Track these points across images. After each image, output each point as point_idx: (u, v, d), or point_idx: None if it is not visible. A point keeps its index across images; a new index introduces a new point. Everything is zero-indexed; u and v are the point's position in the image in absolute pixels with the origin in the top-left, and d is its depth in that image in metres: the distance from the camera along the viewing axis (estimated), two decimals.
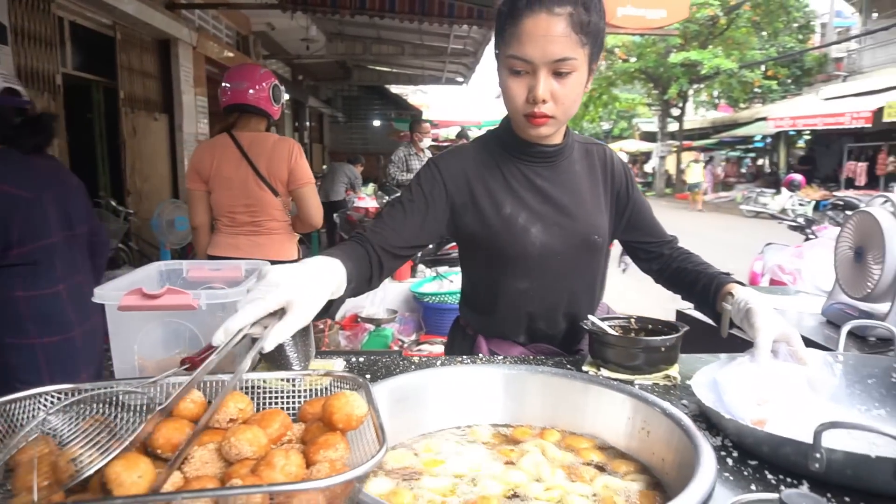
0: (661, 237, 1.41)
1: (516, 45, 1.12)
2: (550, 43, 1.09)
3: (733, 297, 1.16)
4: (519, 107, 1.17)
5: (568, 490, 0.89)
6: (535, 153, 1.28)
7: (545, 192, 1.28)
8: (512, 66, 1.14)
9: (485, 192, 1.27)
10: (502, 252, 1.26)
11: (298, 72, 12.19)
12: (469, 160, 1.30)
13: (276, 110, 2.59)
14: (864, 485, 0.76)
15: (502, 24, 1.16)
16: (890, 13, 17.20)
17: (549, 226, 1.27)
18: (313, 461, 0.64)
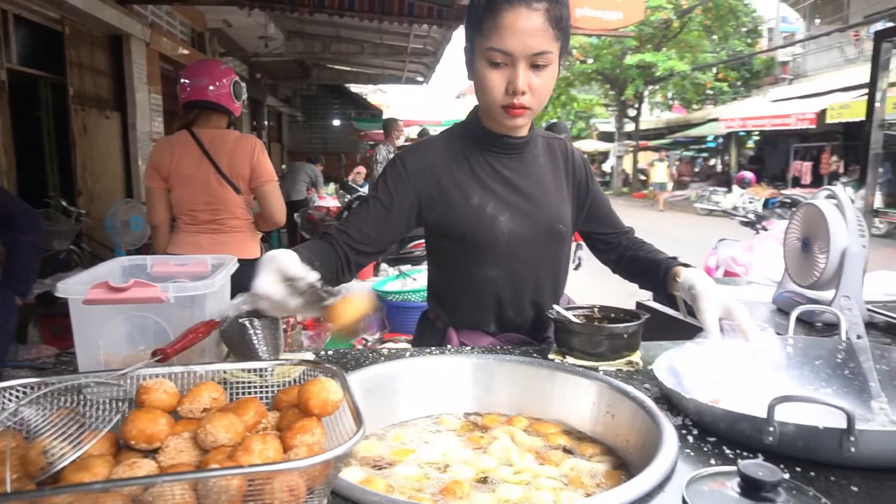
0: (619, 228, 1.47)
1: (496, 37, 1.14)
2: (529, 36, 1.13)
3: (678, 281, 1.23)
4: (497, 98, 1.19)
5: (537, 473, 0.92)
6: (502, 144, 1.31)
7: (512, 183, 1.31)
8: (491, 58, 1.16)
9: (453, 184, 1.29)
10: (472, 241, 1.29)
11: (256, 70, 11.99)
12: (436, 152, 1.32)
13: (238, 107, 2.55)
14: (813, 455, 0.81)
15: (479, 17, 1.17)
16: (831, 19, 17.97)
17: (517, 214, 1.30)
18: (290, 446, 0.65)
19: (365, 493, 0.69)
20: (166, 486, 0.53)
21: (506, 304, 1.35)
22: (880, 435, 0.80)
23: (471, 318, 1.37)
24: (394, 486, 0.87)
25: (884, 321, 1.52)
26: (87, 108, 5.68)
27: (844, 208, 1.47)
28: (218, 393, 0.74)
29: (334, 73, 13.72)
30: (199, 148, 2.44)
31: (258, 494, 0.56)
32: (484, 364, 1.16)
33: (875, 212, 1.84)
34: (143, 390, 0.72)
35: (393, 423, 1.09)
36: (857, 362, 1.08)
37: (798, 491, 0.74)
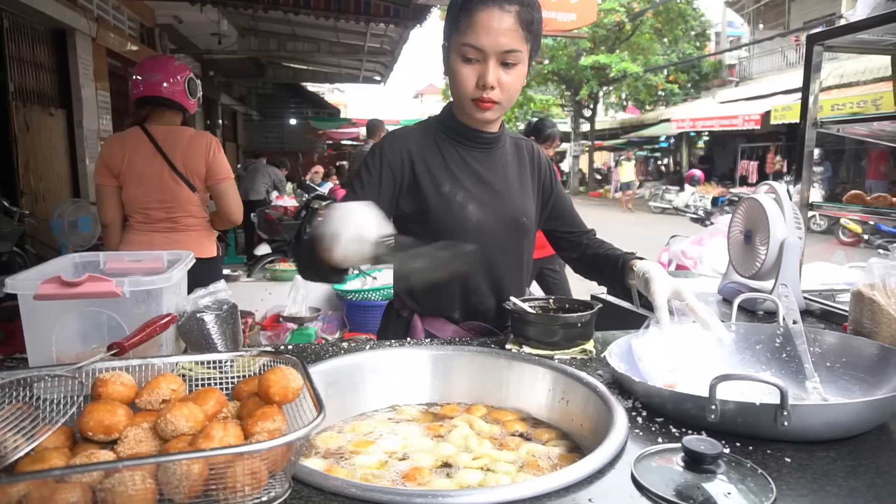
0: (581, 227, 1.54)
1: (470, 34, 1.22)
2: (501, 35, 1.21)
3: (633, 271, 1.31)
4: (468, 91, 1.26)
5: (495, 458, 0.95)
6: (474, 138, 1.38)
7: (480, 175, 1.37)
8: (464, 53, 1.24)
9: (425, 172, 1.35)
10: (441, 228, 1.33)
11: (209, 68, 11.73)
12: (411, 142, 1.37)
13: (193, 104, 2.50)
14: (751, 430, 0.86)
15: (456, 14, 1.25)
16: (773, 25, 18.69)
17: (484, 205, 1.36)
18: (251, 433, 0.66)
19: (326, 479, 0.71)
20: (126, 473, 0.53)
21: (471, 291, 1.39)
22: (811, 409, 0.85)
23: (437, 304, 1.40)
24: (356, 474, 0.89)
25: (819, 308, 1.61)
26: (30, 104, 5.46)
27: (783, 203, 1.55)
28: (177, 384, 0.74)
29: (290, 72, 13.53)
30: (152, 144, 2.39)
31: (220, 479, 0.57)
32: (443, 355, 1.18)
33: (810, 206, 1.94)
34: (100, 383, 0.72)
35: (354, 414, 1.10)
36: (793, 346, 1.15)
37: (737, 463, 0.79)
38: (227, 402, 0.75)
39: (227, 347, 1.09)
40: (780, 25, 18.04)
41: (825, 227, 10.60)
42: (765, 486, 0.74)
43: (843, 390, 1.07)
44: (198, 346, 1.08)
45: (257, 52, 10.51)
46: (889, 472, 0.79)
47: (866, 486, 0.76)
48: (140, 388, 0.74)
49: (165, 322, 0.91)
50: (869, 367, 1.06)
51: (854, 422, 0.87)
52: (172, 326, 1.06)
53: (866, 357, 1.08)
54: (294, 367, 0.78)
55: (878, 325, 1.18)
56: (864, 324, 1.21)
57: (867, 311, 1.20)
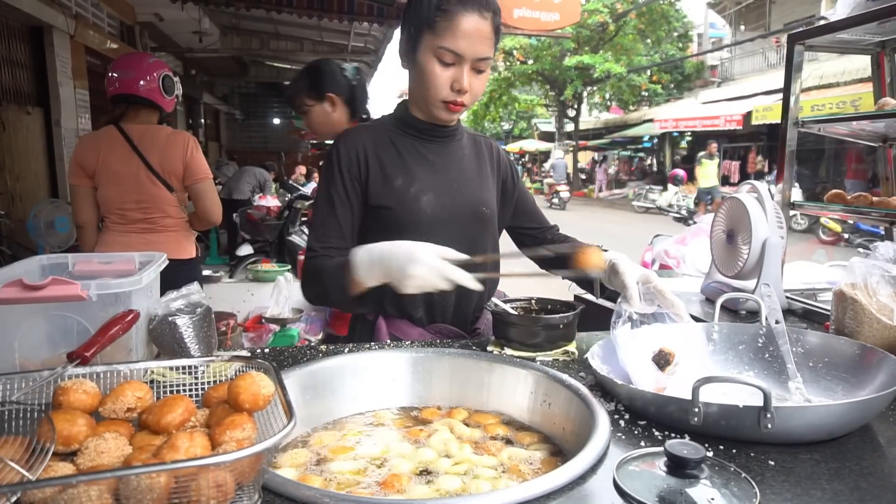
0: (544, 223, 1.56)
1: (450, 38, 1.21)
2: (479, 42, 1.22)
3: None
4: (441, 94, 1.26)
5: (475, 462, 0.93)
6: (428, 131, 1.38)
7: (436, 166, 1.37)
8: (441, 56, 1.23)
9: (378, 166, 1.34)
10: (396, 221, 1.32)
11: (191, 66, 11.60)
12: (364, 139, 1.36)
13: (169, 102, 2.46)
14: (735, 433, 0.85)
15: (430, 14, 1.22)
16: (755, 26, 18.89)
17: (440, 196, 1.35)
18: (219, 442, 0.63)
19: (298, 488, 0.68)
20: (81, 488, 0.50)
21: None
22: (794, 411, 0.84)
23: (399, 305, 1.38)
24: (332, 482, 0.86)
25: (801, 307, 1.61)
26: (6, 103, 5.35)
27: (764, 202, 1.55)
28: (143, 392, 0.71)
29: (273, 71, 13.40)
30: (127, 144, 2.34)
31: (183, 492, 0.54)
32: (423, 358, 1.16)
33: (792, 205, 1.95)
34: (61, 391, 0.69)
35: (332, 419, 1.08)
36: (776, 346, 1.14)
37: (720, 467, 0.78)
38: (197, 410, 0.72)
39: (201, 351, 1.06)
40: (762, 27, 18.24)
41: (806, 226, 10.73)
42: (748, 491, 0.73)
43: (826, 390, 1.06)
44: (170, 350, 1.05)
45: (240, 50, 10.40)
46: (872, 473, 0.79)
47: (850, 489, 0.75)
48: (104, 396, 0.71)
49: (128, 321, 0.87)
50: (851, 367, 1.06)
51: (837, 423, 0.86)
52: (143, 330, 1.03)
53: (848, 357, 1.07)
54: (266, 373, 0.75)
55: (859, 325, 1.17)
56: (846, 323, 1.20)
57: (849, 311, 1.20)
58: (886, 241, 1.24)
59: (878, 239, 1.66)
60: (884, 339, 1.15)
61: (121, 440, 0.65)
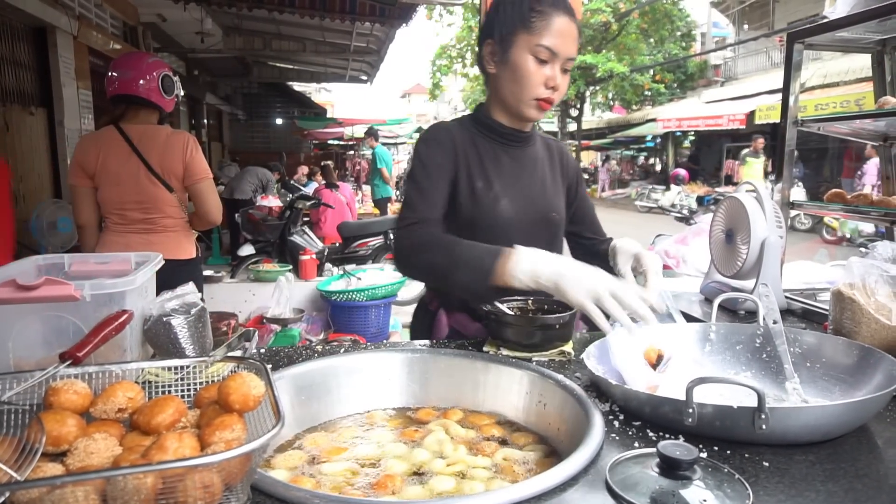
0: (599, 234, 1.58)
1: (547, 36, 1.28)
2: (570, 42, 1.30)
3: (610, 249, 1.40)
4: (535, 91, 1.31)
5: (470, 464, 0.92)
6: (508, 135, 1.41)
7: (513, 171, 1.41)
8: (537, 53, 1.29)
9: (465, 165, 1.37)
10: (474, 221, 1.36)
11: (194, 67, 11.61)
12: (454, 134, 1.40)
13: (169, 102, 2.46)
14: (729, 434, 0.84)
15: (525, 15, 1.29)
16: (758, 25, 18.83)
17: (516, 200, 1.39)
18: (209, 443, 0.63)
19: (288, 489, 0.68)
20: (68, 489, 0.50)
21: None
22: (789, 412, 0.84)
23: (464, 299, 1.41)
24: (323, 483, 0.86)
25: (801, 307, 1.61)
26: (9, 103, 5.36)
27: (763, 201, 1.54)
28: (134, 392, 0.71)
29: (276, 71, 13.43)
30: (127, 144, 2.34)
31: (170, 493, 0.54)
32: (419, 358, 1.15)
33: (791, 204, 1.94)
34: (52, 391, 0.69)
35: (326, 420, 1.08)
36: (773, 346, 1.13)
37: (713, 468, 0.77)
38: (188, 411, 0.72)
39: (196, 352, 1.06)
40: (765, 26, 18.18)
41: (809, 225, 10.69)
42: (742, 492, 0.72)
43: (823, 391, 1.06)
44: (165, 350, 1.05)
45: (242, 50, 10.42)
46: (868, 475, 0.78)
47: (844, 491, 0.74)
48: (95, 397, 0.71)
49: (122, 322, 0.87)
50: (849, 368, 1.05)
51: (833, 424, 0.85)
52: (138, 331, 1.03)
53: (846, 357, 1.06)
54: (258, 373, 0.75)
55: (857, 325, 1.17)
56: (845, 323, 1.20)
57: (847, 311, 1.19)
58: (885, 240, 1.23)
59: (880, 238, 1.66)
60: (882, 340, 1.14)
61: (111, 441, 0.65)
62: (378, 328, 4.31)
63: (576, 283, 1.09)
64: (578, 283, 1.08)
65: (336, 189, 7.17)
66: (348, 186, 8.84)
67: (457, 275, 1.22)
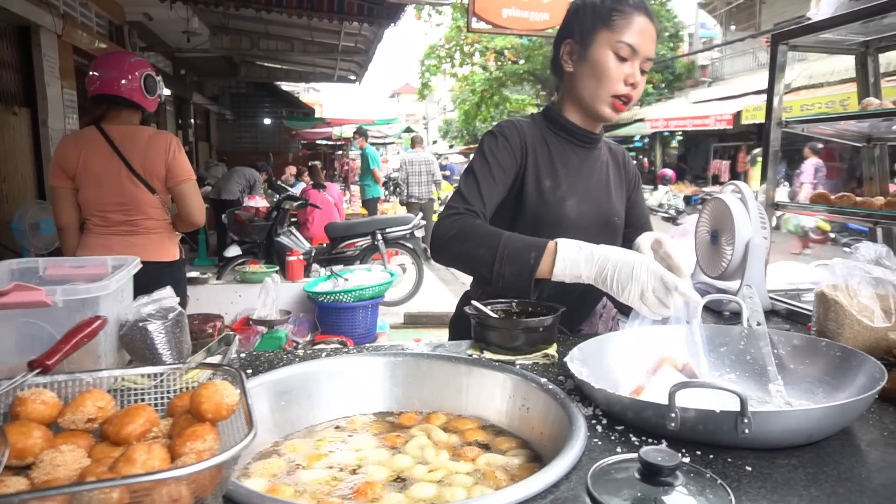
0: None
1: (629, 33, 1.29)
2: (651, 42, 1.32)
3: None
4: (614, 87, 1.32)
5: (452, 470, 0.91)
6: (580, 136, 1.43)
7: (580, 172, 1.42)
8: (618, 50, 1.30)
9: (534, 163, 1.38)
10: (539, 220, 1.36)
11: (181, 66, 11.52)
12: (526, 132, 1.40)
13: (151, 102, 2.43)
14: (712, 438, 0.84)
15: (607, 12, 1.31)
16: (745, 26, 18.97)
17: (581, 202, 1.40)
18: (179, 454, 0.61)
19: (263, 500, 0.67)
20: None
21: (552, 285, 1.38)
22: (771, 416, 0.83)
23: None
24: (302, 491, 0.85)
25: (785, 308, 1.61)
26: None
27: (748, 202, 1.54)
28: (104, 401, 0.69)
29: (264, 71, 13.35)
30: (108, 145, 2.31)
31: None
32: (401, 362, 1.14)
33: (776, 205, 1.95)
34: (18, 402, 0.67)
35: (307, 426, 1.06)
36: (757, 348, 1.13)
37: (696, 473, 0.76)
38: (160, 421, 0.70)
39: (174, 358, 1.04)
40: (752, 27, 18.31)
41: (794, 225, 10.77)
42: (724, 498, 0.71)
43: (807, 393, 1.05)
44: (142, 356, 1.03)
45: (230, 50, 10.34)
46: (850, 479, 0.78)
47: (827, 495, 0.74)
48: (64, 406, 0.69)
49: (95, 328, 0.85)
50: (832, 370, 1.05)
51: (815, 428, 0.85)
52: (113, 336, 1.01)
53: (829, 359, 1.06)
54: (233, 380, 0.73)
55: (840, 327, 1.17)
56: (828, 325, 1.20)
57: (830, 313, 1.19)
58: (868, 241, 1.23)
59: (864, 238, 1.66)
60: (865, 341, 1.14)
61: (78, 452, 0.63)
62: (366, 329, 4.29)
63: (626, 275, 1.09)
64: (628, 275, 1.09)
65: (323, 189, 7.14)
66: (336, 187, 8.81)
67: (498, 267, 1.19)
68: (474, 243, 1.23)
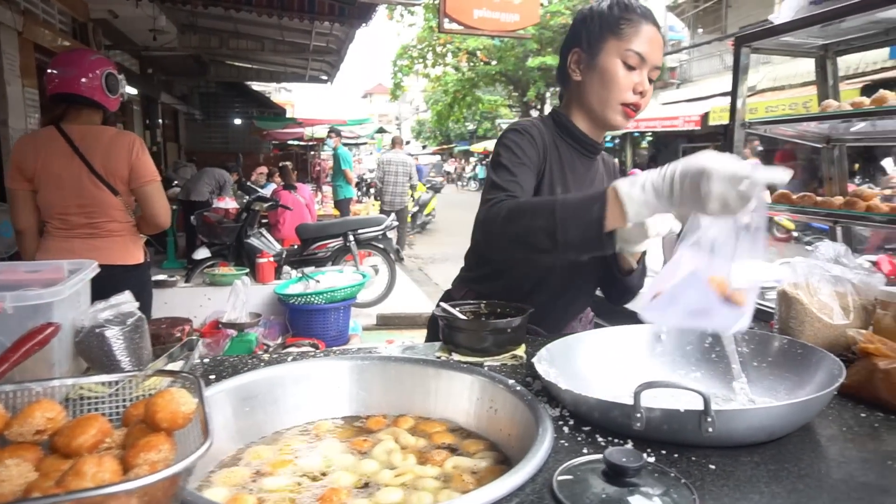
0: None
1: (637, 42, 1.30)
2: (659, 50, 1.34)
3: None
4: (623, 95, 1.32)
5: (418, 474, 0.90)
6: (587, 144, 1.43)
7: (585, 180, 1.45)
8: (627, 58, 1.30)
9: (549, 167, 1.38)
10: None
11: (148, 65, 11.28)
12: (545, 134, 1.39)
13: (113, 101, 2.36)
14: (677, 437, 0.84)
15: (614, 21, 1.31)
16: (712, 29, 19.34)
17: None
18: (132, 465, 0.59)
19: None
20: None
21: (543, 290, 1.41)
22: (734, 414, 0.84)
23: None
24: (264, 500, 0.83)
25: None
26: None
27: None
28: (54, 412, 0.67)
29: (234, 70, 13.15)
30: (68, 145, 2.24)
31: None
32: (368, 365, 1.13)
33: None
34: None
35: (271, 431, 1.04)
36: (722, 346, 1.14)
37: (660, 473, 0.77)
38: (113, 431, 0.68)
39: (133, 364, 1.01)
40: (718, 30, 18.68)
41: None
42: (687, 497, 0.72)
43: (770, 390, 1.07)
44: (99, 364, 1.00)
45: (198, 49, 10.18)
46: (809, 475, 0.79)
47: (787, 492, 0.75)
48: (11, 418, 0.66)
49: (46, 335, 0.82)
50: (793, 367, 1.07)
51: (777, 425, 0.86)
52: (68, 343, 0.98)
53: (790, 356, 1.08)
54: (191, 387, 0.71)
55: (801, 324, 1.19)
56: (790, 323, 1.22)
57: (792, 311, 1.21)
58: (828, 240, 1.26)
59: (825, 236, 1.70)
60: (825, 338, 1.16)
61: (25, 466, 0.60)
62: (338, 331, 4.26)
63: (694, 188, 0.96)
64: (696, 187, 0.96)
65: (294, 190, 7.07)
66: (307, 188, 8.72)
67: (563, 233, 1.09)
68: (529, 218, 1.13)
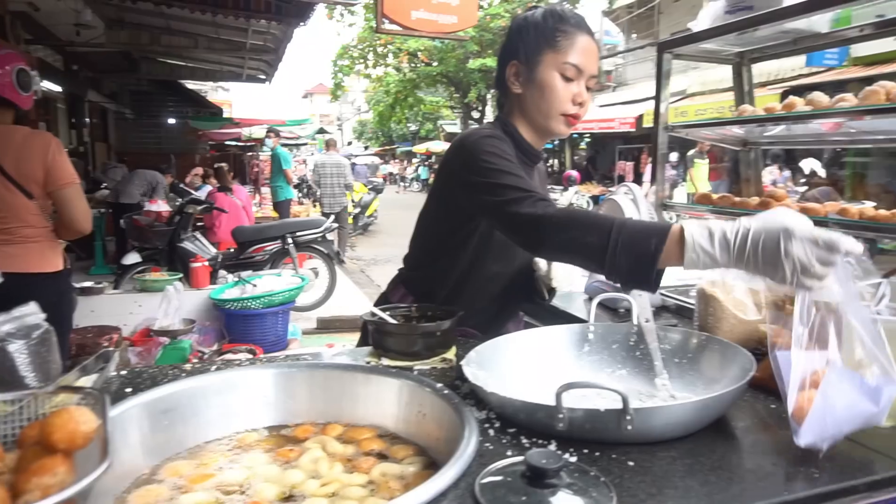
0: None
1: (573, 54, 1.31)
2: (595, 60, 1.35)
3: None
4: (563, 106, 1.34)
5: (345, 482, 0.89)
6: (531, 154, 1.45)
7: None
8: (564, 71, 1.32)
9: None
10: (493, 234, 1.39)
11: (73, 61, 10.72)
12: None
13: (26, 99, 2.23)
14: (599, 436, 0.86)
15: (550, 34, 1.32)
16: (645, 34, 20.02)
17: None
18: (23, 491, 0.55)
19: None
20: None
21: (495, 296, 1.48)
22: (652, 411, 0.87)
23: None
24: None
25: (675, 304, 1.69)
26: None
27: (639, 202, 1.60)
28: None
29: (166, 68, 12.66)
30: None
31: None
32: (295, 373, 1.10)
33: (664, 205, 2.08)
34: None
35: (193, 445, 1.00)
36: (646, 344, 1.18)
37: (581, 472, 0.78)
38: (5, 455, 0.63)
39: (40, 380, 0.95)
40: (651, 35, 19.34)
41: None
42: (606, 494, 0.73)
43: (689, 385, 1.11)
44: (1, 381, 0.94)
45: (127, 45, 9.73)
46: (721, 466, 0.82)
47: (700, 484, 0.78)
48: None
49: None
50: (711, 362, 1.11)
51: (693, 420, 0.89)
52: None
53: (708, 352, 1.12)
54: (95, 404, 0.67)
55: (718, 321, 1.24)
56: (708, 320, 1.26)
57: (710, 308, 1.26)
58: None
59: None
60: (740, 334, 1.22)
61: None
62: (276, 336, 4.17)
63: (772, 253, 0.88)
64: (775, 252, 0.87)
65: (230, 192, 6.87)
66: (244, 189, 8.51)
67: (613, 256, 1.03)
68: (580, 232, 1.08)
